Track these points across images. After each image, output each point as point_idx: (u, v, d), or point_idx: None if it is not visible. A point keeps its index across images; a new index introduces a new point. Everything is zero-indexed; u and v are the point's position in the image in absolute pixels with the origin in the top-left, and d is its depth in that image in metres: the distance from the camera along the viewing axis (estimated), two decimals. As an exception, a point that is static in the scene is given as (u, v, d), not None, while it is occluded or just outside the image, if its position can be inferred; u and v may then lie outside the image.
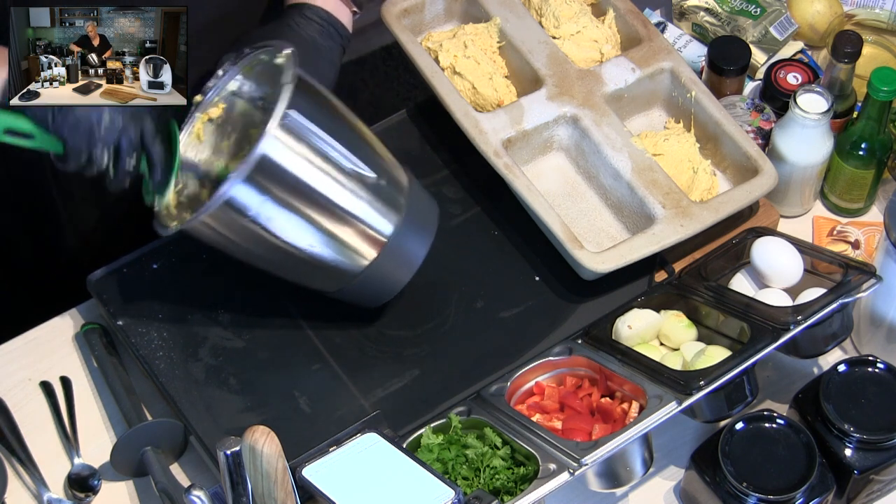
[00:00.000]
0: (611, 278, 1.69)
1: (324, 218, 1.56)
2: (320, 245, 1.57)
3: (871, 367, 1.62)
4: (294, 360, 1.67)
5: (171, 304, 1.70)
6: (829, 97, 1.77)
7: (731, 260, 1.74)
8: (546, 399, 1.61)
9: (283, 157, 1.51)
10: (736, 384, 1.56)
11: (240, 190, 1.50)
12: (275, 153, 1.50)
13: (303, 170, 1.52)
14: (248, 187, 1.50)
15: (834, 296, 1.60)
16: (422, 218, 1.62)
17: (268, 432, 1.38)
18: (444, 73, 1.83)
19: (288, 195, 1.53)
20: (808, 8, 2.01)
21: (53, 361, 1.72)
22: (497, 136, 1.76)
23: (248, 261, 1.60)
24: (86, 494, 1.63)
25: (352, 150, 1.56)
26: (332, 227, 1.56)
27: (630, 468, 1.53)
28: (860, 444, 1.58)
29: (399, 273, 1.62)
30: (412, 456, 1.48)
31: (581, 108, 1.79)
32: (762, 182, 1.74)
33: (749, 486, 1.53)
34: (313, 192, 1.54)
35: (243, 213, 1.52)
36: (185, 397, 1.63)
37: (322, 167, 1.53)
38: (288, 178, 1.52)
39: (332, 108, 1.58)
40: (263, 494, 1.41)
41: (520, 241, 1.76)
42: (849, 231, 1.85)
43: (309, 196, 1.54)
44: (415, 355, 1.67)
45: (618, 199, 1.77)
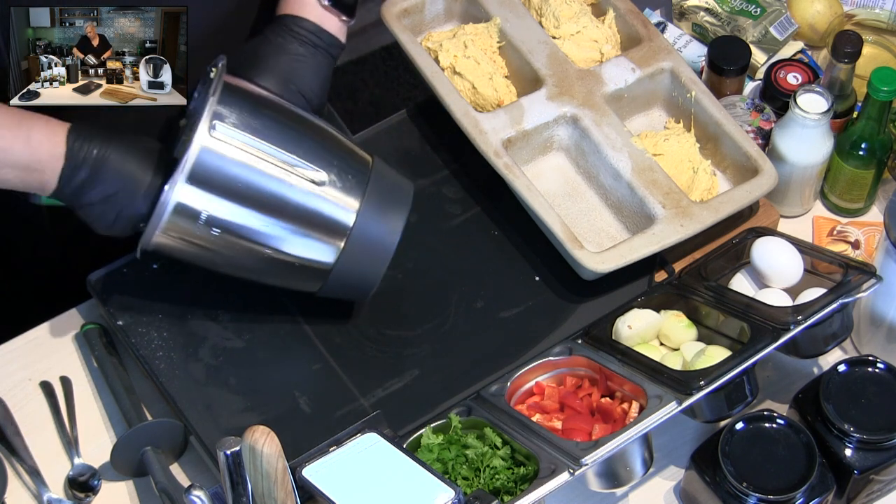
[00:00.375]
0: (611, 278, 1.69)
1: (275, 218, 1.55)
2: (280, 246, 1.57)
3: (871, 367, 1.62)
4: (294, 361, 1.67)
5: (171, 304, 1.70)
6: (829, 97, 1.77)
7: (731, 260, 1.74)
8: (546, 399, 1.61)
9: (215, 163, 1.51)
10: (736, 384, 1.56)
11: (181, 198, 1.50)
12: (206, 159, 1.51)
13: (239, 172, 1.52)
14: (190, 195, 1.51)
15: (834, 296, 1.60)
16: (388, 200, 1.60)
17: (268, 432, 1.38)
18: (444, 73, 1.83)
19: (230, 199, 1.53)
20: (808, 8, 2.01)
21: (53, 361, 1.72)
22: (497, 136, 1.76)
23: (221, 270, 1.61)
24: (86, 494, 1.63)
25: (291, 146, 1.55)
26: (287, 225, 1.56)
27: (630, 468, 1.53)
28: (860, 444, 1.58)
29: (375, 260, 1.60)
30: (412, 456, 1.48)
31: (581, 108, 1.79)
32: (762, 182, 1.74)
33: (749, 486, 1.53)
34: (255, 193, 1.54)
35: (193, 221, 1.52)
36: (185, 397, 1.63)
37: (259, 168, 1.53)
38: (225, 182, 1.52)
39: (267, 109, 1.57)
40: (263, 494, 1.41)
41: (520, 241, 1.76)
42: (849, 231, 1.85)
43: (253, 198, 1.54)
44: (415, 355, 1.67)
45: (618, 199, 1.77)
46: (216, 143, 1.51)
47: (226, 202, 1.53)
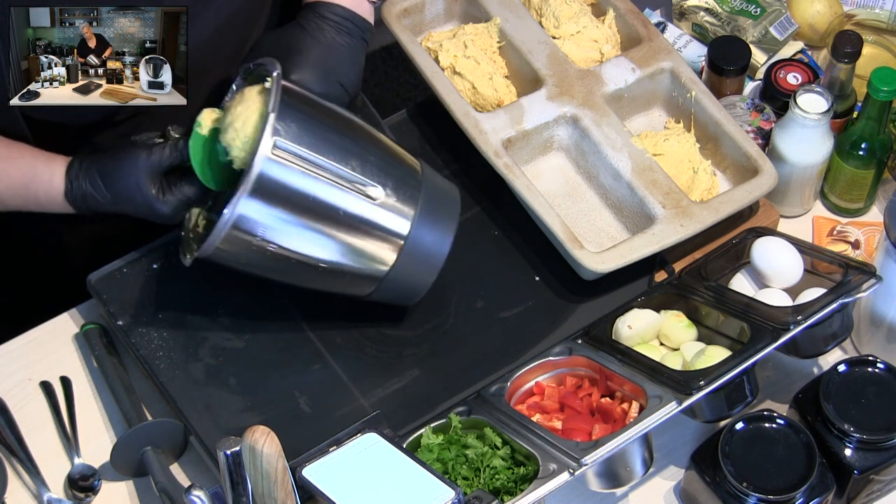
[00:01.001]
0: (611, 278, 1.69)
1: (332, 232, 1.56)
2: (336, 256, 1.57)
3: (871, 367, 1.62)
4: (294, 361, 1.67)
5: (171, 304, 1.70)
6: (829, 97, 1.77)
7: (731, 260, 1.74)
8: (546, 399, 1.61)
9: (276, 178, 1.51)
10: (736, 384, 1.56)
11: (244, 211, 1.51)
12: (270, 173, 1.50)
13: (300, 186, 1.53)
14: (251, 209, 1.51)
15: (834, 296, 1.60)
16: (440, 207, 1.61)
17: (268, 432, 1.38)
18: (444, 73, 1.83)
19: (291, 212, 1.53)
20: (808, 8, 2.01)
21: (53, 361, 1.72)
22: (497, 136, 1.76)
23: (273, 277, 1.61)
24: (86, 494, 1.63)
25: (350, 157, 1.55)
26: (343, 238, 1.56)
27: (630, 468, 1.53)
28: (860, 444, 1.58)
29: (427, 267, 1.61)
30: (412, 456, 1.48)
31: (581, 108, 1.79)
32: (762, 182, 1.74)
33: (749, 486, 1.53)
34: (314, 209, 1.54)
35: (251, 234, 1.53)
36: (185, 397, 1.63)
37: (319, 180, 1.53)
38: (287, 195, 1.52)
39: (324, 118, 1.57)
40: (263, 494, 1.41)
41: (520, 241, 1.76)
42: (849, 231, 1.85)
43: (311, 213, 1.54)
44: (415, 355, 1.67)
45: (618, 199, 1.77)
46: (276, 159, 1.51)
47: (284, 216, 1.53)
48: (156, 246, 1.74)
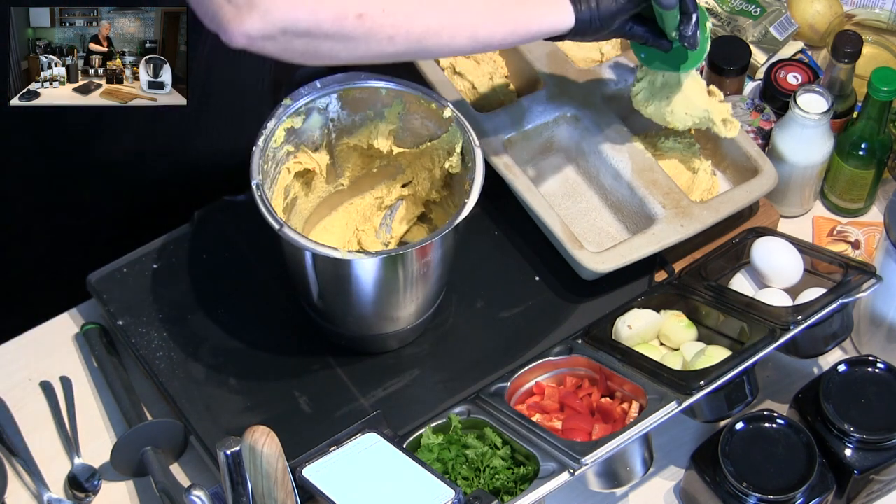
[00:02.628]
0: (611, 278, 1.69)
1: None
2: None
3: (871, 367, 1.62)
4: (294, 360, 1.67)
5: (171, 304, 1.70)
6: (829, 97, 1.77)
7: (731, 260, 1.74)
8: (546, 399, 1.61)
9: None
10: (736, 384, 1.56)
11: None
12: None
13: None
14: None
15: (834, 296, 1.60)
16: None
17: (268, 432, 1.38)
18: (444, 73, 1.83)
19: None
20: (808, 8, 2.01)
21: (53, 361, 1.72)
22: (497, 136, 1.76)
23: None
24: (86, 494, 1.63)
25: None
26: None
27: (630, 468, 1.53)
28: (860, 444, 1.58)
29: None
30: (412, 456, 1.48)
31: (581, 108, 1.79)
32: (762, 182, 1.74)
33: (749, 486, 1.53)
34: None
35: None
36: (185, 397, 1.63)
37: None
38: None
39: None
40: (263, 494, 1.41)
41: (520, 241, 1.76)
42: (849, 231, 1.85)
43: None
44: (415, 355, 1.67)
45: (618, 199, 1.77)
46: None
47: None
48: (156, 246, 1.74)
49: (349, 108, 1.63)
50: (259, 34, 1.36)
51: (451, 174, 1.66)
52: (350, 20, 1.39)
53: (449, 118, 1.60)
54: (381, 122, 1.65)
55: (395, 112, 1.64)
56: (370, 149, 1.68)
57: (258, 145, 1.55)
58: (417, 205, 1.73)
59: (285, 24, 1.37)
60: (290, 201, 1.66)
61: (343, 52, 1.42)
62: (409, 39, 1.44)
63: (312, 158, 1.65)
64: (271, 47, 1.38)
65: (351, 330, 1.64)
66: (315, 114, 1.61)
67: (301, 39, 1.39)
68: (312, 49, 1.40)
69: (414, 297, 1.60)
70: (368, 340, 1.65)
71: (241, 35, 1.36)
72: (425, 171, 1.70)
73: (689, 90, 1.72)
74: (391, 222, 1.74)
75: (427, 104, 1.61)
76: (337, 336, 1.65)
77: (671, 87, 1.72)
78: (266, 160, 1.56)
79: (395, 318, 1.62)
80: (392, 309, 1.60)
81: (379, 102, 1.64)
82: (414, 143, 1.67)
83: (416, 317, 1.64)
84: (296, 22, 1.37)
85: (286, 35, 1.38)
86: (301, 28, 1.38)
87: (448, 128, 1.62)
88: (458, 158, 1.62)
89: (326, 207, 1.73)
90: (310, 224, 1.72)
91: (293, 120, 1.59)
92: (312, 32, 1.38)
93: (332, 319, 1.64)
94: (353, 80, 1.62)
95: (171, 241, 1.73)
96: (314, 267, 1.56)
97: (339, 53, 1.42)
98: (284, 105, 1.59)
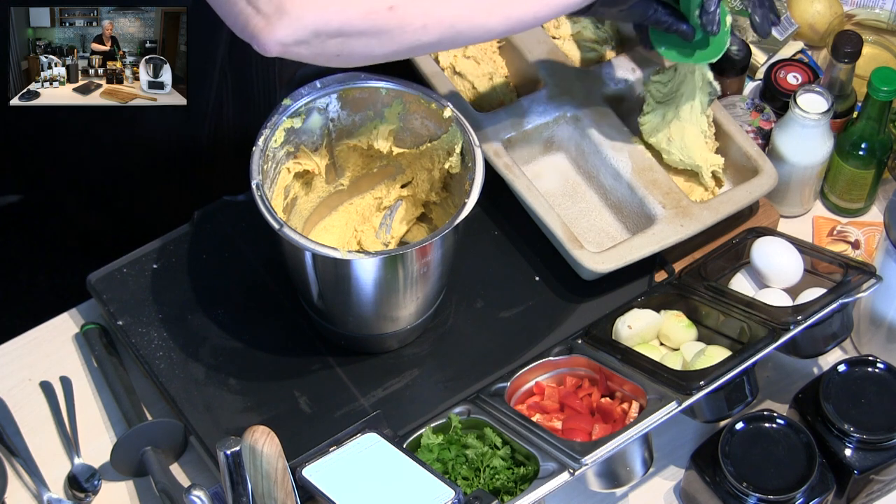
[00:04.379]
0: (611, 278, 1.69)
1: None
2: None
3: (871, 367, 1.62)
4: (294, 360, 1.67)
5: (171, 304, 1.70)
6: (829, 97, 1.77)
7: (731, 260, 1.74)
8: (546, 399, 1.61)
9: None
10: (736, 384, 1.56)
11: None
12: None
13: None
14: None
15: (834, 296, 1.60)
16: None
17: (268, 432, 1.38)
18: (444, 73, 1.83)
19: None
20: (808, 8, 2.01)
21: (53, 361, 1.72)
22: (497, 136, 1.76)
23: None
24: (86, 494, 1.63)
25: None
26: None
27: (630, 468, 1.53)
28: (860, 444, 1.58)
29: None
30: (412, 456, 1.48)
31: (581, 108, 1.79)
32: (762, 182, 1.74)
33: (749, 486, 1.53)
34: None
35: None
36: (185, 397, 1.63)
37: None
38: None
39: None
40: (263, 494, 1.41)
41: (520, 241, 1.76)
42: (849, 231, 1.85)
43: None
44: (415, 355, 1.67)
45: (618, 199, 1.77)
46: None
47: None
48: (156, 246, 1.74)
49: (349, 109, 1.63)
50: (292, 40, 1.36)
51: (451, 174, 1.66)
52: (381, 13, 1.38)
53: (449, 118, 1.60)
54: (381, 122, 1.65)
55: (395, 112, 1.64)
56: (370, 149, 1.68)
57: (258, 145, 1.55)
58: (417, 205, 1.73)
59: (316, 27, 1.36)
60: (289, 201, 1.66)
61: (378, 47, 1.41)
62: (443, 25, 1.42)
63: (312, 159, 1.65)
64: (305, 52, 1.38)
65: (351, 330, 1.64)
66: (315, 114, 1.62)
67: (334, 40, 1.38)
68: (347, 49, 1.40)
69: (414, 297, 1.60)
70: (368, 340, 1.65)
71: (274, 43, 1.36)
72: (425, 171, 1.70)
73: (689, 136, 1.74)
74: (391, 222, 1.74)
75: (427, 104, 1.61)
76: (337, 336, 1.65)
77: (676, 126, 1.73)
78: (266, 160, 1.56)
79: (395, 318, 1.62)
80: (392, 309, 1.60)
81: (379, 102, 1.63)
82: (414, 143, 1.67)
83: (416, 317, 1.64)
84: (326, 23, 1.37)
85: (319, 37, 1.37)
86: (332, 28, 1.37)
87: (448, 128, 1.62)
88: (458, 159, 1.62)
89: (326, 207, 1.73)
90: (310, 224, 1.72)
91: (293, 120, 1.59)
92: (345, 31, 1.38)
93: (332, 319, 1.64)
94: (352, 80, 1.62)
95: (171, 241, 1.73)
96: (314, 267, 1.56)
97: (373, 49, 1.41)
98: (284, 105, 1.59)
